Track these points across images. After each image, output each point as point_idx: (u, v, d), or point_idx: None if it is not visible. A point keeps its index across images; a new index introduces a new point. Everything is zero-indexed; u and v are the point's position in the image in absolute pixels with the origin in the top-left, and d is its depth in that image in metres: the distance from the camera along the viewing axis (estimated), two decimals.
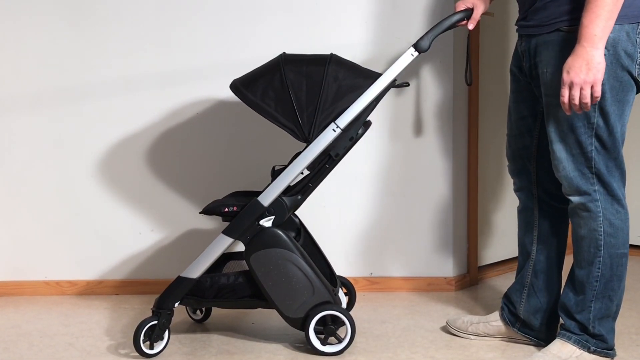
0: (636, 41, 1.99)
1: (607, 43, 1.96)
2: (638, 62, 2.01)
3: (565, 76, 1.95)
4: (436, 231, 2.96)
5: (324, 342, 2.31)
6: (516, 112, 2.30)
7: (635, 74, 2.01)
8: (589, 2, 1.91)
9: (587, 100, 1.94)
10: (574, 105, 1.97)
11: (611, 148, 2.06)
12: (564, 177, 2.11)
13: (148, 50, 2.88)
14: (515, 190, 2.38)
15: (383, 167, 2.93)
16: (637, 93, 2.07)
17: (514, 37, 3.06)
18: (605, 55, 1.96)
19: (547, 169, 2.21)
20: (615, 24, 1.95)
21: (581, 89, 1.93)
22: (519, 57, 2.22)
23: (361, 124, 2.26)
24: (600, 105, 2.02)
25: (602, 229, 2.09)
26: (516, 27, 2.21)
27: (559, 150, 2.09)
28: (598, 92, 1.94)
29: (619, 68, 1.99)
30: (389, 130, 2.90)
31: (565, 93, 1.96)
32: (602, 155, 2.06)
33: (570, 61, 1.94)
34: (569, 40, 2.00)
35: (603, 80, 1.98)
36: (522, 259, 2.37)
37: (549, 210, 2.30)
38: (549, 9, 2.03)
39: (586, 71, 1.92)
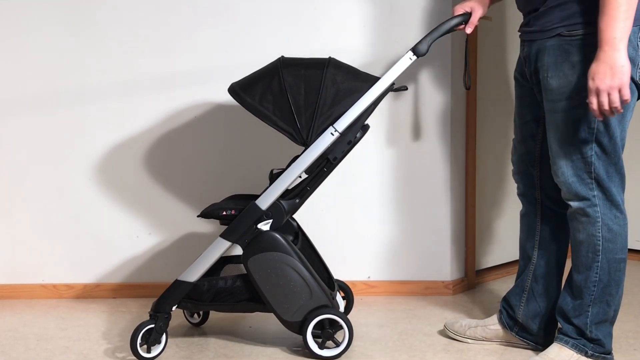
0: (638, 45, 1.98)
1: None
2: (639, 66, 2.00)
3: (590, 83, 1.91)
4: (434, 235, 2.96)
5: (321, 346, 2.31)
6: (520, 117, 2.30)
7: (637, 78, 2.00)
8: (603, 6, 1.88)
9: (617, 104, 1.90)
10: (605, 111, 1.92)
11: (612, 153, 2.06)
12: (563, 183, 2.11)
13: (146, 53, 2.87)
14: (518, 195, 2.38)
15: (381, 171, 2.93)
16: (638, 98, 2.07)
17: (512, 41, 3.08)
18: None
19: (550, 174, 2.20)
20: None
21: (609, 94, 1.90)
22: (521, 63, 2.22)
23: (359, 127, 2.26)
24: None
25: (600, 234, 2.09)
26: (519, 34, 2.22)
27: (558, 156, 2.09)
28: (626, 95, 1.89)
29: None
30: (387, 134, 2.90)
31: (593, 100, 1.92)
32: (602, 160, 2.06)
33: (594, 67, 1.90)
34: (569, 45, 2.00)
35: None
36: (523, 263, 2.37)
37: (551, 216, 2.30)
38: (551, 14, 2.03)
39: (611, 76, 1.88)
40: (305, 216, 2.59)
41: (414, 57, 2.24)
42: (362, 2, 2.83)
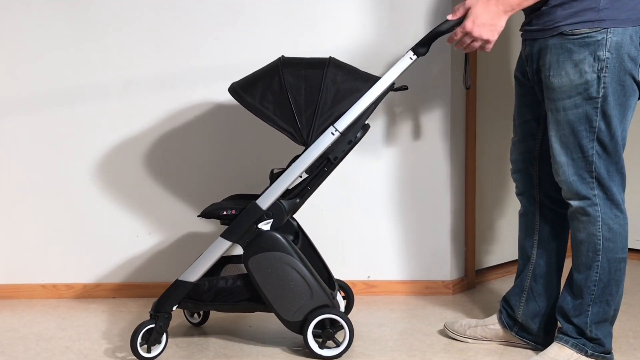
0: (638, 45, 1.99)
1: (610, 46, 1.97)
2: None
3: (468, 24, 2.04)
4: (434, 234, 2.96)
5: (322, 346, 2.31)
6: (520, 116, 2.31)
7: (639, 78, 2.01)
8: None
9: (473, 50, 2.10)
10: (458, 44, 2.10)
11: (612, 152, 2.06)
12: (563, 182, 2.11)
13: (146, 53, 2.87)
14: (517, 194, 2.38)
15: (381, 171, 2.93)
16: (639, 98, 2.07)
17: (513, 41, 3.08)
18: (608, 58, 1.96)
19: (549, 173, 2.20)
20: (618, 28, 1.96)
21: (474, 40, 2.06)
22: (523, 63, 2.22)
23: (360, 127, 2.26)
24: (602, 109, 2.02)
25: (600, 234, 2.09)
26: (520, 33, 2.22)
27: (559, 155, 2.09)
28: (489, 49, 2.08)
29: (622, 72, 1.99)
30: (387, 133, 2.90)
31: (458, 36, 2.08)
32: (603, 159, 2.06)
33: (480, 12, 2.02)
34: (572, 44, 2.00)
35: (606, 83, 1.98)
36: (522, 262, 2.37)
37: (550, 215, 2.30)
38: (553, 13, 2.03)
39: (490, 32, 2.04)
40: (305, 216, 2.59)
41: (415, 57, 2.24)
42: (363, 2, 2.84)
